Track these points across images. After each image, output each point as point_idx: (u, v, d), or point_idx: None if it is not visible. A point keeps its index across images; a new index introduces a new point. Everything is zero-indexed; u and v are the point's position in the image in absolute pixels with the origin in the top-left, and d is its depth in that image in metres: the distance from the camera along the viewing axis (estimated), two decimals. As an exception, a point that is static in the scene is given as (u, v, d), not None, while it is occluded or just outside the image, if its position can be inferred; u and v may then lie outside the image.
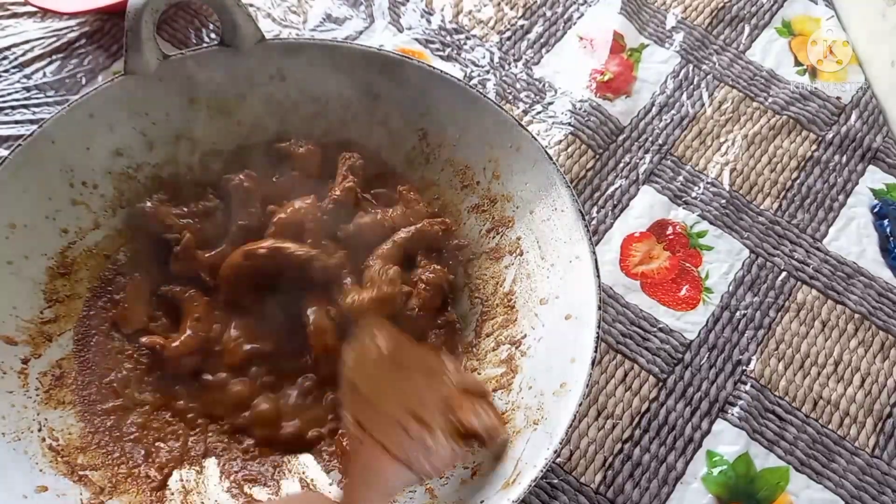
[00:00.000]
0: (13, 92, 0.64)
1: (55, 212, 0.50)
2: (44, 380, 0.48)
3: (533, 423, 0.45)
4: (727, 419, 0.56)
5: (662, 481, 0.53)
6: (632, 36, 0.72)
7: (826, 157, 0.67)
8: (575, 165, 0.65)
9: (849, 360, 0.58)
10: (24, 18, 0.68)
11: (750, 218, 0.64)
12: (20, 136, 0.51)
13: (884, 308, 0.61)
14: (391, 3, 0.72)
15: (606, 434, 0.55)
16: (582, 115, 0.67)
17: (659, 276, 0.61)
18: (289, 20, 0.70)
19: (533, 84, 0.69)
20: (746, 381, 0.57)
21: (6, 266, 0.48)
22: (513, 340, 0.51)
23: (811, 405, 0.57)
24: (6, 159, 0.48)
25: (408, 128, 0.56)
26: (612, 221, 0.63)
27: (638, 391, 0.56)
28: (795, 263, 0.62)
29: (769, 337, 0.59)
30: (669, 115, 0.69)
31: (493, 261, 0.54)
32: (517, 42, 0.71)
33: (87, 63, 0.66)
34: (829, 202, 0.65)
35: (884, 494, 0.53)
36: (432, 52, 0.70)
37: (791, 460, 0.54)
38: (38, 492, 0.43)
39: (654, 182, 0.65)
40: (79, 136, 0.51)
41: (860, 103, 0.70)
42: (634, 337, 0.58)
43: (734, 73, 0.71)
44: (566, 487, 0.52)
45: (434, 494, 0.45)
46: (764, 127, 0.69)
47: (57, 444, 0.46)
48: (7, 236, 0.48)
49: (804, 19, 0.75)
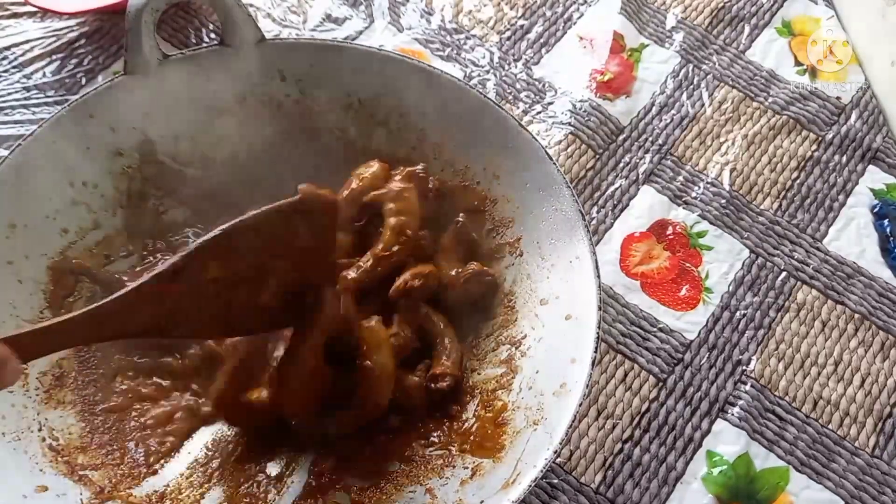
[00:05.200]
0: (13, 92, 0.64)
1: (55, 212, 0.50)
2: (44, 380, 0.48)
3: (533, 424, 0.45)
4: (727, 419, 0.56)
5: (662, 481, 0.53)
6: (632, 36, 0.72)
7: (826, 157, 0.67)
8: (575, 165, 0.65)
9: (849, 360, 0.58)
10: (24, 18, 0.68)
11: (750, 218, 0.64)
12: (20, 136, 0.50)
13: (884, 308, 0.61)
14: (391, 3, 0.72)
15: (606, 434, 0.55)
16: (582, 115, 0.67)
17: (659, 276, 0.61)
18: (289, 20, 0.70)
19: (533, 84, 0.69)
20: (746, 381, 0.57)
21: (6, 266, 0.48)
22: (513, 341, 0.51)
23: (811, 405, 0.57)
24: (6, 159, 0.48)
25: (408, 128, 0.56)
26: (612, 221, 0.63)
27: (638, 391, 0.56)
28: (795, 263, 0.62)
29: (769, 337, 0.59)
30: (669, 115, 0.69)
31: (493, 261, 0.54)
32: (517, 42, 0.71)
33: (87, 63, 0.66)
34: (829, 202, 0.65)
35: (884, 494, 0.53)
36: (432, 52, 0.70)
37: (791, 460, 0.54)
38: (38, 492, 0.43)
39: (654, 182, 0.65)
40: (79, 136, 0.51)
41: (860, 103, 0.70)
42: (634, 337, 0.58)
43: (734, 73, 0.71)
44: (566, 487, 0.52)
45: (434, 494, 0.45)
46: (764, 127, 0.69)
47: (57, 444, 0.46)
48: (7, 236, 0.48)
49: (804, 19, 0.75)
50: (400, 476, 0.47)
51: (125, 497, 0.45)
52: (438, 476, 0.46)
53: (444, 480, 0.46)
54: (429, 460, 0.47)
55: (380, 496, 0.46)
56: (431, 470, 0.47)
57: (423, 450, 0.48)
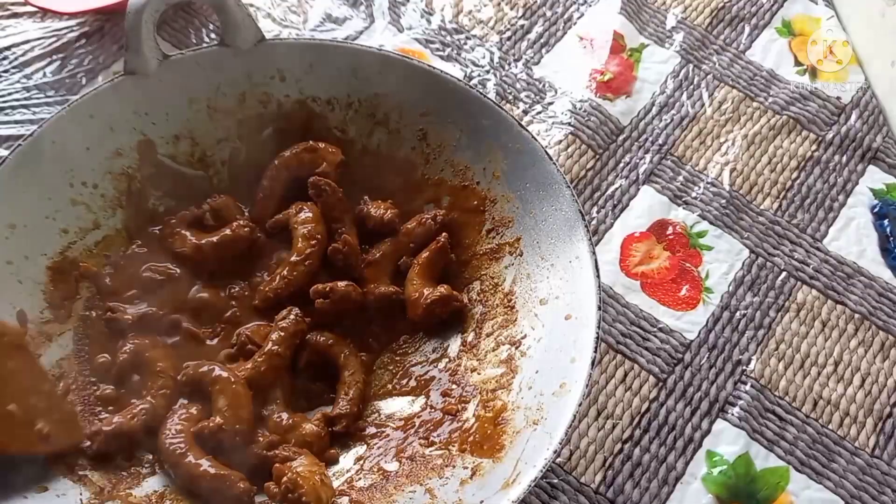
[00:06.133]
0: (13, 92, 0.64)
1: (55, 212, 0.50)
2: (44, 380, 0.48)
3: (533, 423, 0.45)
4: (727, 419, 0.56)
5: (662, 481, 0.53)
6: (632, 36, 0.72)
7: (826, 157, 0.67)
8: (575, 165, 0.65)
9: (849, 360, 0.58)
10: (24, 18, 0.68)
11: (750, 218, 0.64)
12: (20, 136, 0.50)
13: (884, 308, 0.61)
14: (391, 3, 0.72)
15: (606, 434, 0.55)
16: (582, 115, 0.67)
17: (659, 276, 0.61)
18: (289, 20, 0.70)
19: (533, 84, 0.69)
20: (746, 381, 0.57)
21: (6, 266, 0.48)
22: (513, 341, 0.51)
23: (811, 405, 0.56)
24: (6, 159, 0.48)
25: (408, 128, 0.56)
26: (612, 221, 0.63)
27: (638, 391, 0.56)
28: (795, 263, 0.62)
29: (769, 337, 0.59)
30: (669, 115, 0.69)
31: (493, 261, 0.54)
32: (517, 42, 0.71)
33: (87, 63, 0.66)
34: (829, 202, 0.65)
35: (884, 494, 0.53)
36: (432, 52, 0.70)
37: (791, 460, 0.54)
38: (38, 492, 0.43)
39: (654, 182, 0.65)
40: (79, 136, 0.51)
41: (860, 103, 0.70)
42: (634, 337, 0.58)
43: (734, 73, 0.71)
44: (566, 487, 0.52)
45: (434, 494, 0.45)
46: (764, 127, 0.69)
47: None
48: (7, 236, 0.48)
49: (804, 19, 0.75)
50: (400, 476, 0.47)
51: (125, 497, 0.45)
52: (438, 476, 0.46)
53: (444, 480, 0.46)
54: (429, 460, 0.47)
55: (380, 496, 0.46)
56: (431, 470, 0.46)
57: (423, 450, 0.48)
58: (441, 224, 0.55)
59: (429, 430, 0.49)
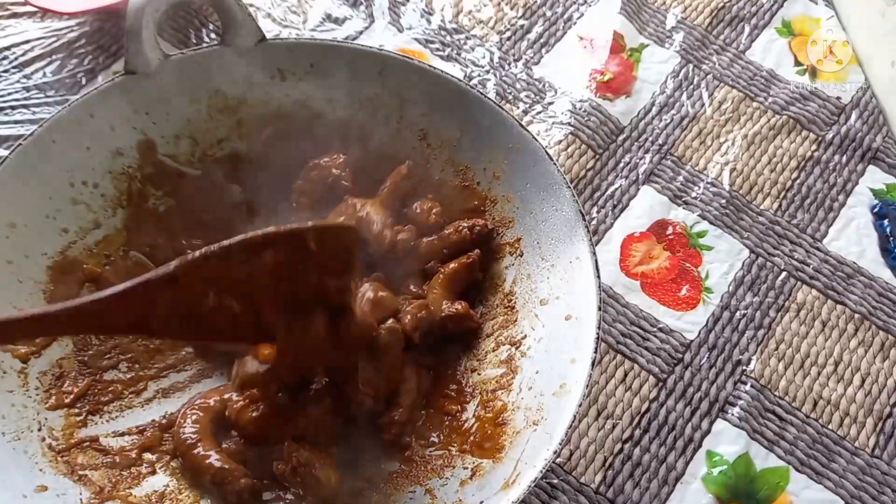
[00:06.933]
0: (13, 92, 0.64)
1: (55, 211, 0.50)
2: (44, 379, 0.48)
3: (533, 424, 0.45)
4: (727, 419, 0.56)
5: (662, 481, 0.53)
6: (632, 36, 0.72)
7: (826, 157, 0.67)
8: (575, 165, 0.65)
9: (849, 360, 0.58)
10: (24, 18, 0.68)
11: (750, 218, 0.64)
12: (20, 136, 0.50)
13: (884, 308, 0.61)
14: (391, 3, 0.72)
15: (606, 434, 0.55)
16: (582, 115, 0.67)
17: (659, 276, 0.61)
18: (289, 20, 0.70)
19: (533, 84, 0.69)
20: (746, 381, 0.57)
21: (6, 266, 0.48)
22: (513, 341, 0.51)
23: (811, 405, 0.57)
24: (6, 159, 0.48)
25: (408, 128, 0.56)
26: (612, 221, 0.63)
27: (638, 391, 0.56)
28: (795, 263, 0.62)
29: (769, 337, 0.59)
30: (669, 115, 0.69)
31: (493, 261, 0.54)
32: (517, 42, 0.71)
33: (87, 63, 0.66)
34: (829, 202, 0.65)
35: (884, 494, 0.53)
36: (432, 52, 0.70)
37: (791, 460, 0.54)
38: (38, 491, 0.43)
39: (654, 182, 0.65)
40: (79, 135, 0.51)
41: (860, 103, 0.70)
42: (634, 337, 0.58)
43: (734, 73, 0.71)
44: (566, 487, 0.52)
45: (434, 495, 0.45)
46: (764, 127, 0.69)
47: (57, 443, 0.46)
48: (7, 236, 0.48)
49: (804, 19, 0.75)
50: (400, 476, 0.47)
51: (125, 497, 0.45)
52: (438, 476, 0.46)
53: (443, 481, 0.46)
54: (429, 460, 0.47)
55: (380, 496, 0.46)
56: (431, 470, 0.47)
57: (423, 450, 0.48)
58: (477, 236, 0.53)
59: (429, 430, 0.49)
